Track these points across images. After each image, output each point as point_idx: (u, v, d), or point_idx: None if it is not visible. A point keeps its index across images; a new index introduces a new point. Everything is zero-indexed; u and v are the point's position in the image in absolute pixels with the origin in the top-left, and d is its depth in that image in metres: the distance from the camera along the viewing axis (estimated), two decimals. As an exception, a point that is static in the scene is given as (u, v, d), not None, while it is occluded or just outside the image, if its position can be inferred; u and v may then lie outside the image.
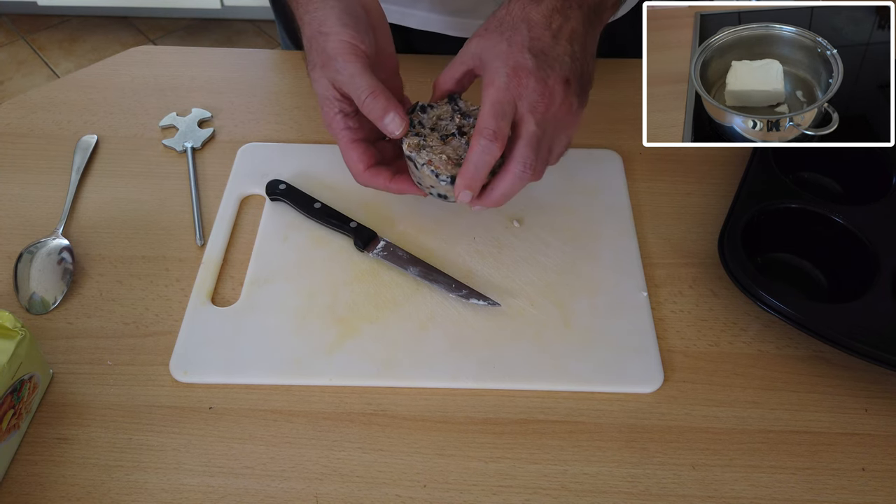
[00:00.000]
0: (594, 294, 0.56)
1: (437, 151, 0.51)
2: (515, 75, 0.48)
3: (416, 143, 0.52)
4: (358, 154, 0.53)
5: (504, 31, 0.49)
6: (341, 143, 0.54)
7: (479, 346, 0.52)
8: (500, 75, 0.48)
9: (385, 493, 0.45)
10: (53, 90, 0.74)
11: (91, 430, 0.48)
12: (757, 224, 0.56)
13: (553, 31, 0.49)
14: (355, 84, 0.50)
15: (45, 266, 0.57)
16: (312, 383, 0.51)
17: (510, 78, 0.48)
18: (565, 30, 0.49)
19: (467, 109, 0.54)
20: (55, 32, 2.34)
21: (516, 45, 0.48)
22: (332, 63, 0.50)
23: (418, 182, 0.54)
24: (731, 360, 0.52)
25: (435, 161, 0.51)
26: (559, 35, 0.49)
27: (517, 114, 0.48)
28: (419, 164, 0.51)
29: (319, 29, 0.51)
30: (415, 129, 0.53)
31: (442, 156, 0.51)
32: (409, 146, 0.52)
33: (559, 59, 0.49)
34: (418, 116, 0.54)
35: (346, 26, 0.51)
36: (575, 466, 0.47)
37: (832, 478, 0.47)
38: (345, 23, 0.51)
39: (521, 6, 0.50)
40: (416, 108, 0.54)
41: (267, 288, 0.56)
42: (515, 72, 0.48)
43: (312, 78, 0.53)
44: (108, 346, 0.53)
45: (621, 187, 0.64)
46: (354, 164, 0.54)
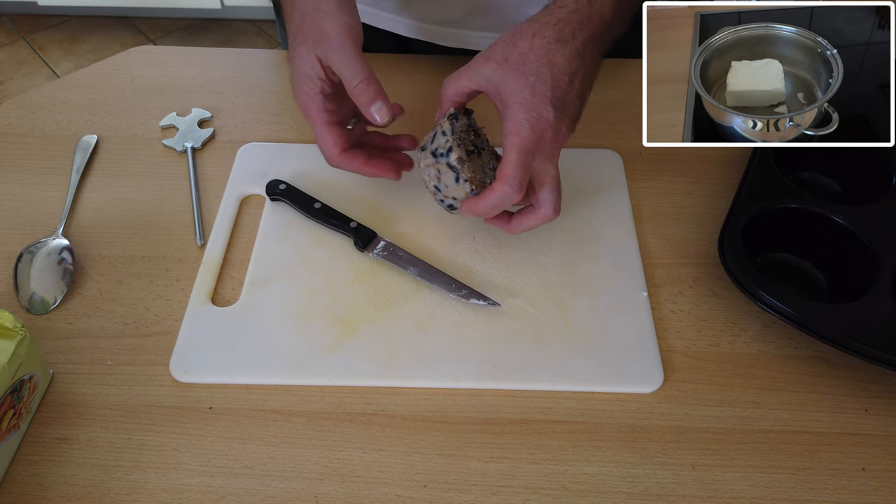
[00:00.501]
0: (594, 294, 0.56)
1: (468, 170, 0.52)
2: (537, 128, 0.49)
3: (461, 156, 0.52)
4: (334, 137, 0.54)
5: (528, 74, 0.49)
6: (318, 124, 0.54)
7: (479, 346, 0.52)
8: (524, 127, 0.49)
9: (385, 493, 0.45)
10: (53, 90, 0.74)
11: (91, 430, 0.48)
12: (757, 224, 0.56)
13: (570, 74, 0.50)
14: (349, 67, 0.51)
15: (45, 266, 0.57)
16: (312, 383, 0.51)
17: (533, 130, 0.49)
18: (581, 72, 0.51)
19: (476, 127, 0.56)
20: (55, 32, 2.34)
21: (539, 95, 0.49)
22: (328, 41, 0.51)
23: (434, 187, 0.54)
24: (731, 360, 0.52)
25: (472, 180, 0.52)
26: (575, 78, 0.50)
27: (535, 166, 0.50)
28: (462, 178, 0.51)
29: (317, 7, 0.52)
30: (457, 135, 0.52)
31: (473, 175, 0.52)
32: (460, 159, 0.51)
33: (572, 103, 0.51)
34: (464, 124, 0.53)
35: (344, 10, 0.52)
36: (575, 466, 0.47)
37: (832, 478, 0.47)
38: (343, 7, 0.52)
39: (546, 46, 0.50)
40: (458, 114, 0.53)
41: (267, 288, 0.56)
42: (538, 124, 0.49)
43: (298, 53, 0.53)
44: (108, 346, 0.53)
45: (621, 187, 0.64)
46: (330, 147, 0.54)
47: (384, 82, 0.52)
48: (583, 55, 0.50)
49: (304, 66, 0.53)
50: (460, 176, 0.51)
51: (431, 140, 0.53)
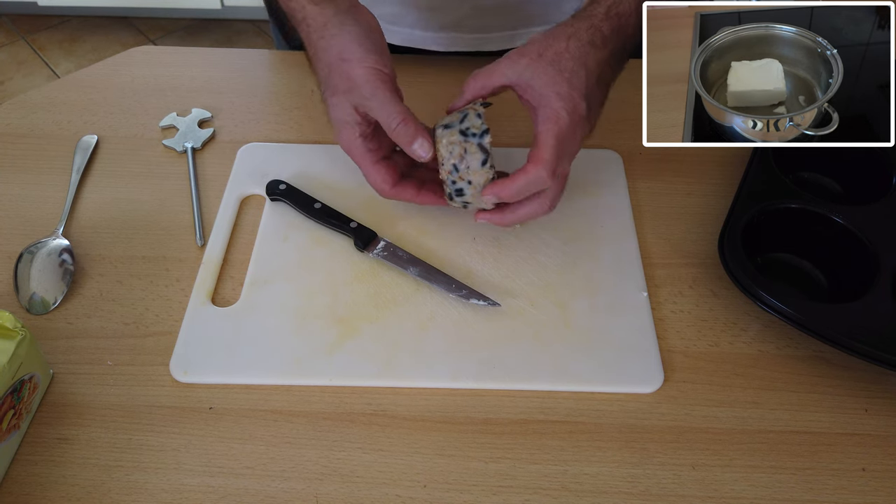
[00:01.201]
0: (594, 294, 0.56)
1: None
2: (573, 121, 0.50)
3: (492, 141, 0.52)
4: (382, 174, 0.55)
5: (563, 70, 0.50)
6: (365, 165, 0.55)
7: (479, 346, 0.52)
8: (562, 115, 0.49)
9: (385, 494, 0.45)
10: (53, 90, 0.74)
11: (91, 430, 0.48)
12: (757, 224, 0.56)
13: (597, 76, 0.51)
14: (385, 111, 0.51)
15: (46, 266, 0.57)
16: (312, 383, 0.51)
17: (570, 121, 0.50)
18: (604, 78, 0.52)
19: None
20: (55, 32, 2.34)
21: (576, 88, 0.50)
22: (359, 90, 0.51)
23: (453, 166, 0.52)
24: (732, 361, 0.52)
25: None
26: (600, 82, 0.52)
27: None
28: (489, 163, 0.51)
29: (341, 56, 0.52)
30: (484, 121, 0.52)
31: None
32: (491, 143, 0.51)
33: (595, 107, 0.52)
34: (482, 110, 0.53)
35: (369, 52, 0.52)
36: (575, 466, 0.47)
37: (832, 478, 0.47)
38: (367, 49, 0.52)
39: (580, 48, 0.51)
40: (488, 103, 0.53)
41: (267, 288, 0.56)
42: (573, 117, 0.50)
43: (331, 103, 0.53)
44: (108, 346, 0.53)
45: (621, 187, 0.64)
46: (380, 184, 0.55)
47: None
48: (611, 65, 0.52)
49: (339, 113, 0.53)
50: (489, 160, 0.51)
51: (461, 120, 0.52)
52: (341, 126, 0.54)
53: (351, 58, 0.51)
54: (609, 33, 0.52)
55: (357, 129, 0.53)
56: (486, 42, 0.73)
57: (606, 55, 0.52)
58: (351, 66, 0.51)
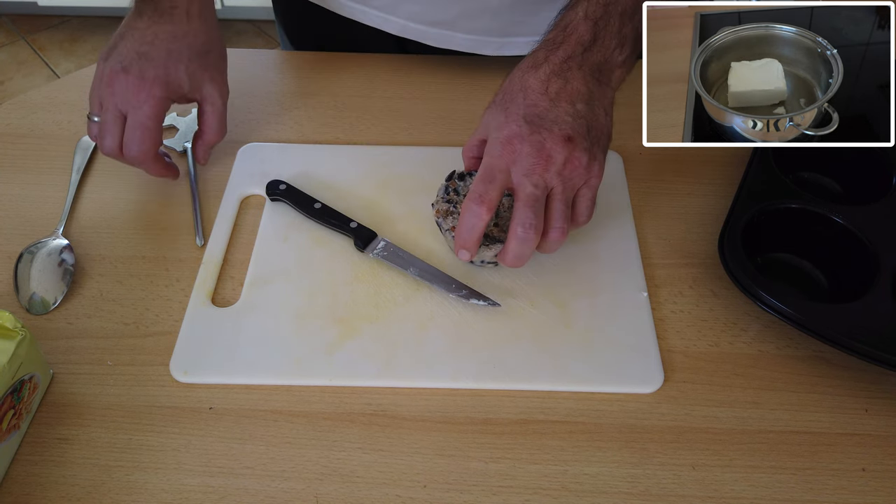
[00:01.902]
0: (594, 294, 0.56)
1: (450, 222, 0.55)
2: (509, 143, 0.50)
3: (446, 209, 0.55)
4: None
5: (504, 103, 0.52)
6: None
7: (479, 346, 0.52)
8: (495, 146, 0.50)
9: (385, 494, 0.45)
10: (53, 90, 0.74)
11: (91, 431, 0.48)
12: (757, 224, 0.56)
13: (551, 95, 0.51)
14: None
15: (46, 266, 0.57)
16: (312, 383, 0.51)
17: (503, 146, 0.50)
18: (565, 91, 0.51)
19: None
20: (55, 32, 2.34)
21: (511, 114, 0.51)
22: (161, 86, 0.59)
23: (450, 246, 0.57)
24: (732, 361, 0.52)
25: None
26: (558, 98, 0.51)
27: (513, 181, 0.50)
28: (444, 229, 0.55)
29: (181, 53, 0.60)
30: (448, 195, 0.56)
31: None
32: (438, 213, 0.55)
33: (558, 120, 0.50)
34: (455, 184, 0.57)
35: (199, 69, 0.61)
36: (575, 467, 0.47)
37: (832, 478, 0.47)
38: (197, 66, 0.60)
39: (521, 74, 0.52)
40: (454, 175, 0.57)
41: (267, 288, 0.56)
42: (509, 140, 0.50)
43: (138, 63, 0.59)
44: (108, 347, 0.53)
45: (621, 187, 0.64)
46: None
47: (381, 82, 0.53)
48: (562, 75, 0.51)
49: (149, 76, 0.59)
50: (442, 228, 0.55)
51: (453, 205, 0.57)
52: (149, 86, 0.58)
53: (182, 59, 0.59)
54: (552, 47, 0.52)
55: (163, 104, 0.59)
56: (481, 45, 0.73)
57: (553, 68, 0.51)
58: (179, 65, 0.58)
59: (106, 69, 0.58)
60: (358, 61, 0.77)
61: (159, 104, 0.58)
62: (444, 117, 0.71)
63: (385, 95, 0.73)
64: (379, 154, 0.67)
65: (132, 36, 0.59)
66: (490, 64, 0.75)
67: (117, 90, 0.57)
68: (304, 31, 0.85)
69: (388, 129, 0.70)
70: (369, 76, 0.76)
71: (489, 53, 0.74)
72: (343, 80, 0.75)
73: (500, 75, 0.55)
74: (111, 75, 0.57)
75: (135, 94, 0.57)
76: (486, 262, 0.56)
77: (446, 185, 0.57)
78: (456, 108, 0.72)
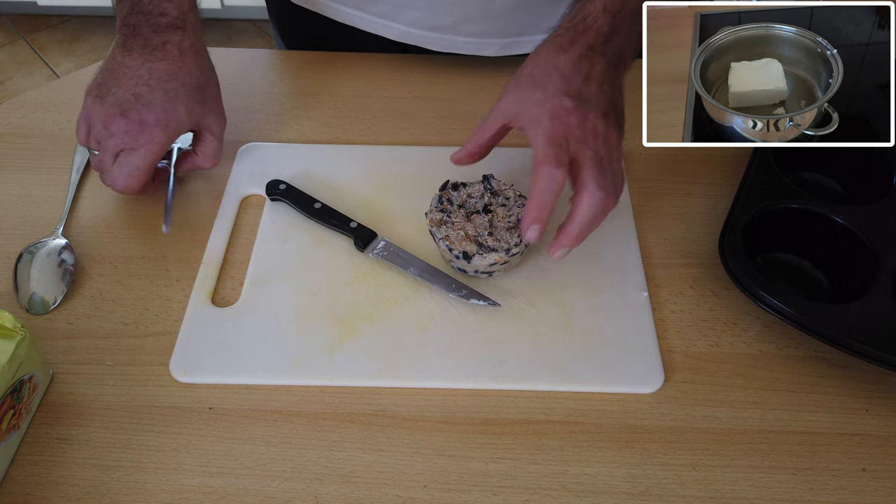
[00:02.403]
0: (594, 294, 0.56)
1: (458, 227, 0.54)
2: (557, 116, 0.49)
3: (439, 219, 0.55)
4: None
5: (537, 83, 0.51)
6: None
7: (479, 347, 0.52)
8: (542, 118, 0.49)
9: (385, 494, 0.45)
10: (53, 90, 0.74)
11: (91, 431, 0.48)
12: (757, 224, 0.56)
13: (584, 74, 0.51)
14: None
15: (45, 266, 0.57)
16: (312, 383, 0.51)
17: (553, 119, 0.49)
18: (594, 72, 0.51)
19: (499, 188, 0.57)
20: (55, 32, 2.34)
21: (550, 92, 0.50)
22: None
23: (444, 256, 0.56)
24: (732, 361, 0.52)
25: (452, 237, 0.53)
26: (590, 77, 0.51)
27: (571, 149, 0.49)
28: (437, 238, 0.54)
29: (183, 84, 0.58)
30: (442, 205, 0.56)
31: (460, 232, 0.54)
32: (432, 221, 0.55)
33: (594, 97, 0.50)
34: (448, 194, 0.56)
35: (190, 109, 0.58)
36: (575, 467, 0.47)
37: (832, 478, 0.47)
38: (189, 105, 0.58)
39: (548, 55, 0.52)
40: (448, 185, 0.57)
41: (267, 288, 0.56)
42: (556, 113, 0.49)
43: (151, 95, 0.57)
44: (108, 346, 0.53)
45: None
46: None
47: (381, 82, 0.52)
48: (590, 59, 0.51)
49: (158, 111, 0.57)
50: (435, 237, 0.55)
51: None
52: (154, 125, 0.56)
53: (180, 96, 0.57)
54: (575, 35, 0.52)
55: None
56: (483, 47, 0.73)
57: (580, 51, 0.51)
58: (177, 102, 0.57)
59: (102, 111, 0.56)
60: (357, 61, 0.77)
61: (158, 149, 0.57)
62: (444, 117, 0.71)
63: (385, 95, 0.73)
64: (379, 154, 0.67)
65: (125, 75, 0.57)
66: (491, 64, 0.75)
67: (115, 132, 0.56)
68: (299, 36, 0.85)
69: (388, 129, 0.70)
70: (369, 76, 0.76)
71: (492, 54, 0.74)
72: (343, 80, 0.75)
73: (501, 75, 0.55)
74: (108, 119, 0.56)
75: (134, 139, 0.56)
76: (481, 273, 0.55)
77: (440, 194, 0.56)
78: (456, 107, 0.72)
